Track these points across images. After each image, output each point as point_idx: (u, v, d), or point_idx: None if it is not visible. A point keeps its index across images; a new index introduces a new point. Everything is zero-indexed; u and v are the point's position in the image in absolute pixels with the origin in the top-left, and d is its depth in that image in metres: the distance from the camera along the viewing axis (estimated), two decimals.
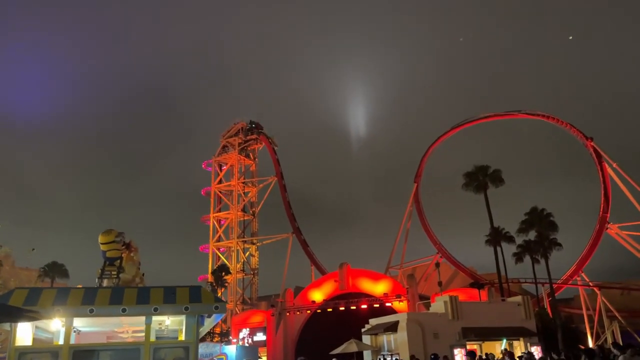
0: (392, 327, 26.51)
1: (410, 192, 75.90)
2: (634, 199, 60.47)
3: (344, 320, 50.55)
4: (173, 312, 8.34)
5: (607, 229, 60.53)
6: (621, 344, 49.50)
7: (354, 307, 53.82)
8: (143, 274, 11.40)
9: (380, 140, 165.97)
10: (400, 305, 52.94)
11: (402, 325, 25.86)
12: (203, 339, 57.43)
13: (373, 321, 30.78)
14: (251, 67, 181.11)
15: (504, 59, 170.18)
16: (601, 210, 61.71)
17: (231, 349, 27.81)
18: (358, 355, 23.35)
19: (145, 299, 8.16)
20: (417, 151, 77.38)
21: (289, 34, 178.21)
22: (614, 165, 61.93)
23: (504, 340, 26.44)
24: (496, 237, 45.87)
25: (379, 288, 57.39)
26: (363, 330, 30.31)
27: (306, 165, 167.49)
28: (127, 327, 8.81)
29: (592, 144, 64.67)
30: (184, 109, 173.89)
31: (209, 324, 9.82)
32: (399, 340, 25.82)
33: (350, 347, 23.10)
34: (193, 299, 8.29)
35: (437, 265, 52.24)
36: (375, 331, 28.41)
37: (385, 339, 28.14)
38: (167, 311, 8.22)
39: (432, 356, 18.91)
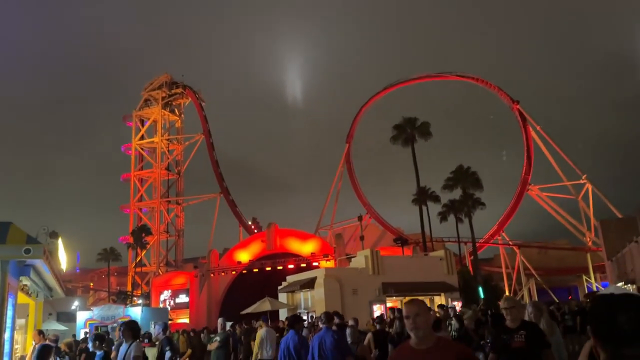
0: (309, 284, 25.00)
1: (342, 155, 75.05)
2: (554, 162, 62.56)
3: (270, 280, 49.05)
4: None
5: (528, 190, 62.39)
6: (536, 299, 51.17)
7: (281, 267, 52.50)
8: None
9: (317, 106, 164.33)
10: (327, 264, 52.26)
11: (320, 282, 24.37)
12: (125, 302, 54.49)
13: (290, 278, 29.26)
14: (186, 26, 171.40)
15: (438, 22, 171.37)
16: (523, 172, 63.43)
17: (136, 311, 25.40)
18: (272, 315, 21.76)
19: None
20: (352, 116, 76.11)
21: None
22: (538, 128, 63.53)
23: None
24: (422, 196, 45.63)
25: (306, 248, 56.46)
26: (279, 287, 28.76)
27: (238, 126, 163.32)
28: None
29: (517, 107, 65.85)
30: (106, 65, 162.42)
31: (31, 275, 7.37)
32: (316, 297, 24.32)
33: (263, 305, 21.41)
34: None
35: (360, 218, 51.63)
36: (291, 288, 26.90)
37: (302, 296, 26.70)
38: None
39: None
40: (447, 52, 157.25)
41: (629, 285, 34.09)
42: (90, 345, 7.68)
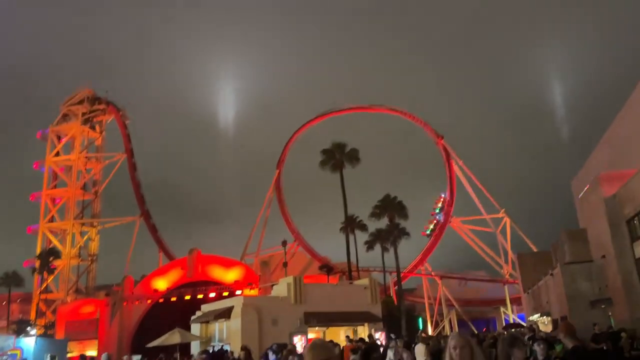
0: (225, 314, 23.19)
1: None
2: (475, 195, 64.89)
3: (189, 310, 46.41)
4: None
5: (450, 222, 64.11)
6: (456, 330, 51.92)
7: (202, 296, 50.02)
8: None
9: (249, 132, 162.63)
10: (251, 292, 50.53)
11: (237, 311, 22.63)
12: (22, 332, 49.43)
13: (205, 307, 27.37)
14: (114, 43, 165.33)
15: (369, 57, 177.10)
16: (446, 204, 65.26)
17: (29, 342, 22.59)
18: (183, 348, 19.92)
19: None
20: (284, 143, 75.76)
21: (158, 15, 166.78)
22: (460, 163, 65.94)
23: None
24: (350, 224, 45.42)
25: (230, 276, 54.49)
26: (192, 318, 26.76)
27: (167, 150, 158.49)
28: None
29: (442, 142, 68.20)
30: (20, 76, 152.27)
31: None
32: (232, 328, 22.55)
33: (172, 338, 19.52)
34: None
35: (284, 244, 50.56)
36: (206, 318, 25.00)
37: (217, 327, 24.88)
38: None
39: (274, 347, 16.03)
40: (378, 87, 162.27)
41: (545, 317, 35.06)
42: None
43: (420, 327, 49.84)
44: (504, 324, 51.11)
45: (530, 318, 41.09)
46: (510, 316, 56.24)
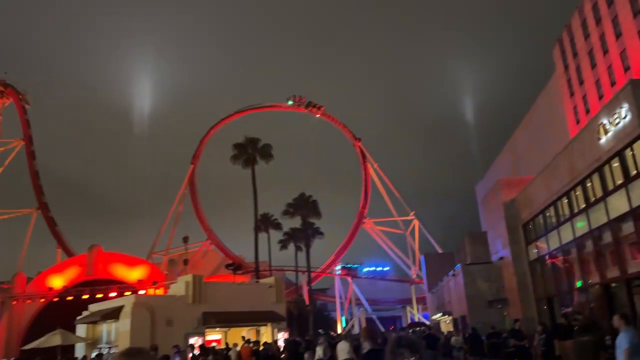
0: (114, 314, 21.42)
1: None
2: (387, 197, 66.47)
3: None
4: None
5: (363, 223, 65.16)
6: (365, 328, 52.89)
7: (101, 295, 46.89)
8: None
9: (164, 129, 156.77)
10: (156, 292, 48.20)
11: (127, 311, 20.91)
12: None
13: (93, 307, 25.41)
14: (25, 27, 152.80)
15: (293, 55, 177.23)
16: (360, 205, 66.30)
17: None
18: (65, 350, 18.08)
19: None
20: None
21: (74, 4, 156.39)
22: (375, 165, 67.32)
23: None
24: (264, 223, 44.55)
25: (134, 274, 51.74)
26: (78, 318, 24.73)
27: (73, 141, 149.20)
28: None
29: (359, 144, 69.24)
30: None
31: None
32: (121, 329, 20.89)
33: (53, 339, 17.72)
34: None
35: (185, 240, 48.77)
36: (93, 319, 23.08)
37: (105, 328, 23.05)
38: None
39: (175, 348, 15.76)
40: (299, 87, 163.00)
41: (446, 316, 36.23)
42: None
43: (344, 325, 50.69)
44: (409, 322, 52.60)
45: (433, 317, 42.48)
46: (416, 315, 58.03)
